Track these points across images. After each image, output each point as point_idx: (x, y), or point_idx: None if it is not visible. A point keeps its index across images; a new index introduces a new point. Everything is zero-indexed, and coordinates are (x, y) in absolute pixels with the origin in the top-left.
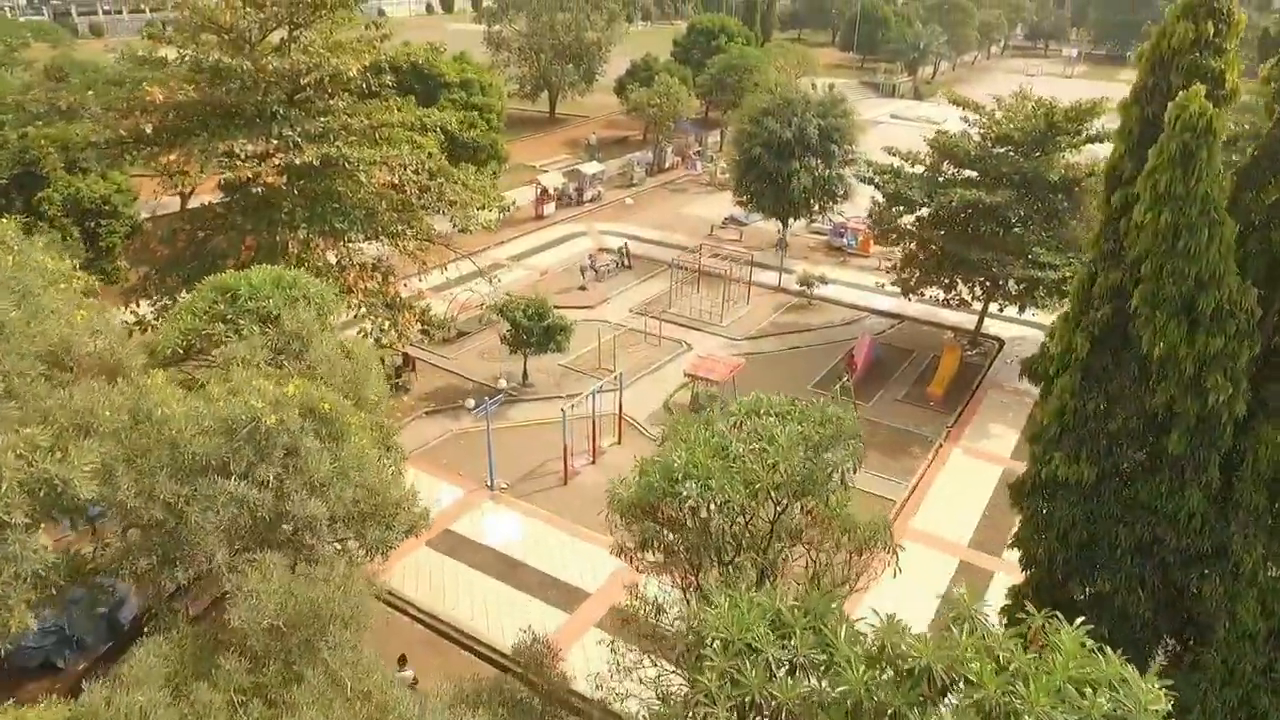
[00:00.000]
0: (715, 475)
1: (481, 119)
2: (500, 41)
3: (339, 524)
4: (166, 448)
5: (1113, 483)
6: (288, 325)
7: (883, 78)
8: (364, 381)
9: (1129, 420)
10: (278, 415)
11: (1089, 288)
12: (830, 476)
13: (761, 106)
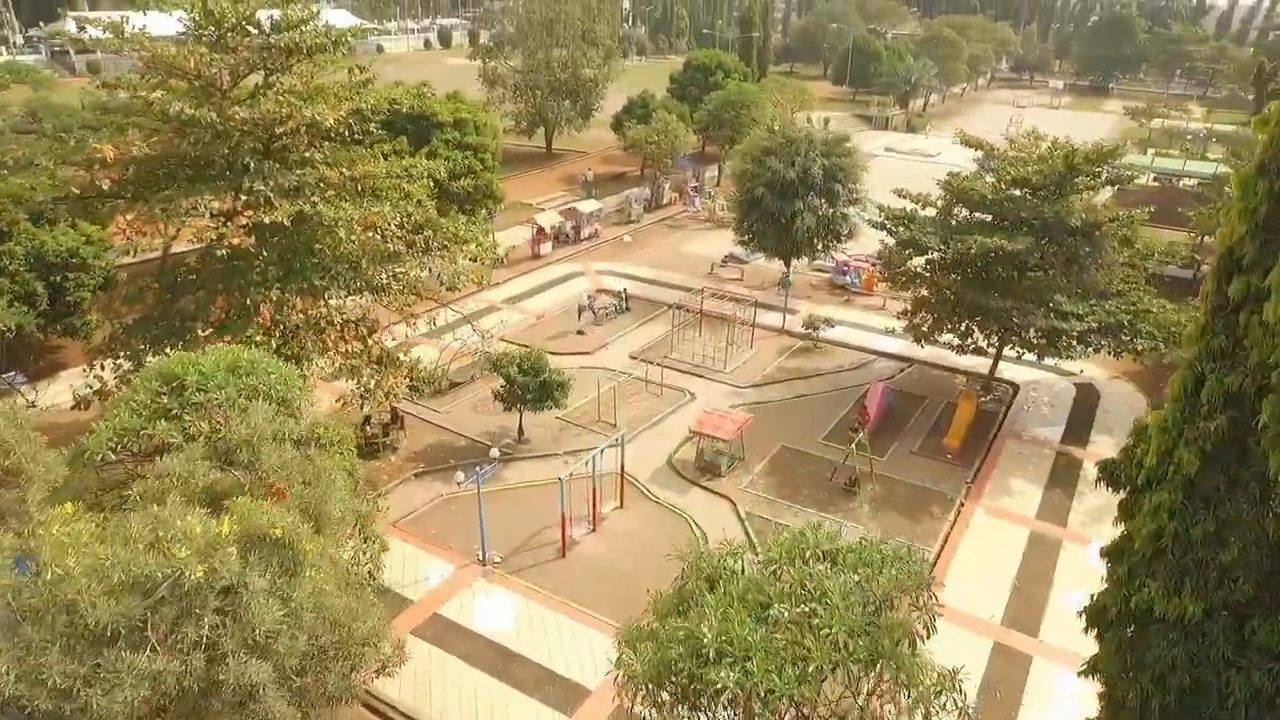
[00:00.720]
0: (756, 654)
1: (476, 159)
2: (495, 78)
3: (291, 678)
4: (62, 613)
5: (1224, 620)
6: (236, 433)
7: (875, 111)
8: (327, 496)
9: (1246, 550)
10: (207, 565)
11: (1194, 391)
12: (899, 642)
13: (763, 145)
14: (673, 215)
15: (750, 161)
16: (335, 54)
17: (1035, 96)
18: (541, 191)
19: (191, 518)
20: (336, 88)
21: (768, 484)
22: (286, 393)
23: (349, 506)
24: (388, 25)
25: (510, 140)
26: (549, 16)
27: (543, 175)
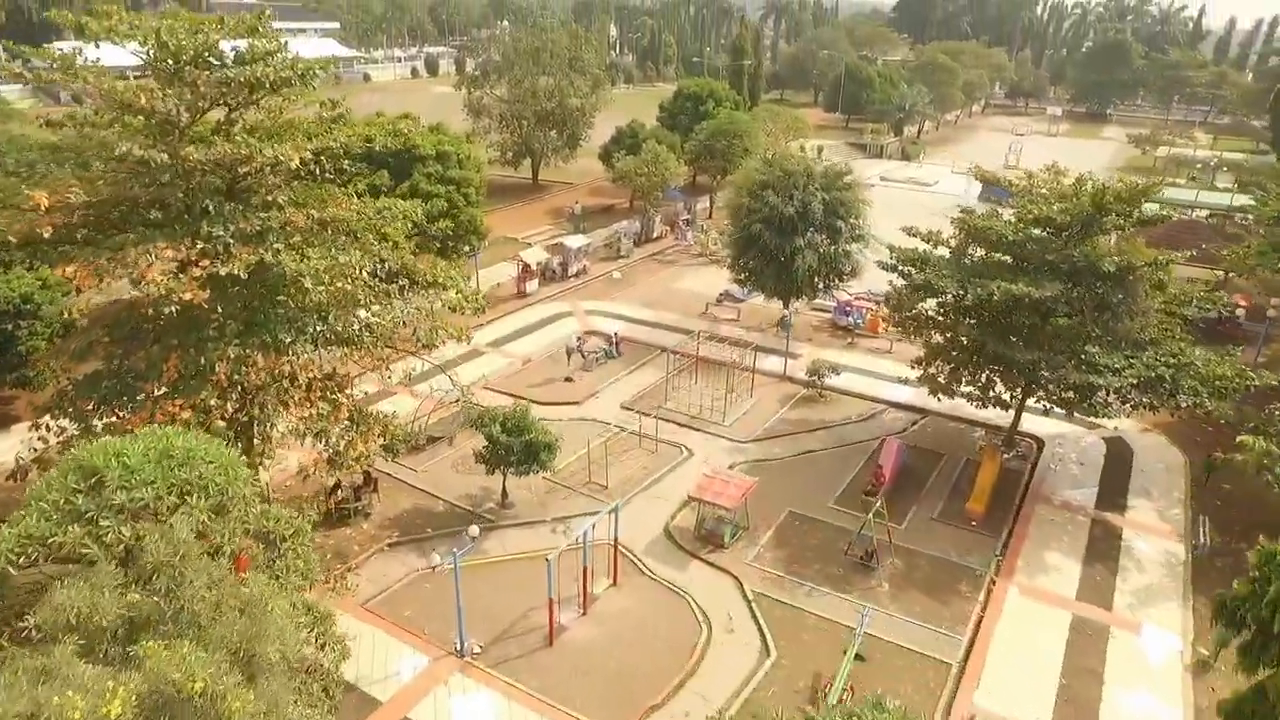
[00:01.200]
0: None
1: (459, 193)
2: (481, 108)
3: None
4: None
5: None
6: (155, 553)
7: (869, 138)
8: (262, 633)
9: None
10: None
11: None
12: None
13: (760, 179)
14: (664, 250)
15: (746, 196)
16: (303, 88)
17: (1033, 123)
18: (528, 225)
19: (75, 692)
20: (306, 123)
21: (776, 557)
22: (228, 485)
23: (293, 647)
24: (374, 54)
25: (496, 171)
26: (535, 45)
27: (529, 208)
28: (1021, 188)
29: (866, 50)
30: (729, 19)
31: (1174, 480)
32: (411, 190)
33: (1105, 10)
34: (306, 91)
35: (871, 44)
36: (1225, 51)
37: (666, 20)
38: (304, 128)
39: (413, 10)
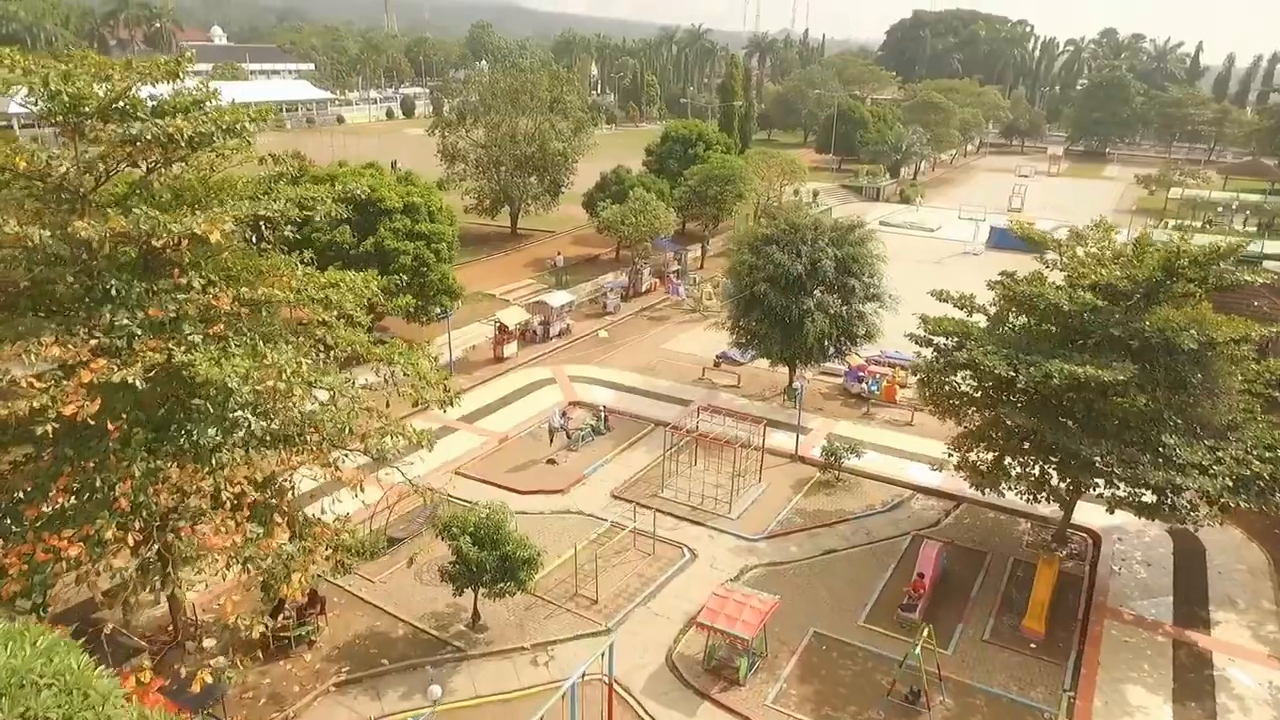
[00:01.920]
0: None
1: (429, 249)
2: (456, 153)
3: None
4: None
5: None
6: None
7: (865, 180)
8: None
9: None
10: None
11: None
12: None
13: (763, 233)
14: (654, 304)
15: (748, 252)
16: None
17: (1032, 162)
18: (506, 278)
19: None
20: (245, 183)
21: (803, 696)
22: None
23: None
24: (349, 95)
25: (472, 220)
26: (514, 87)
27: (507, 259)
28: (1069, 248)
29: (856, 89)
30: (712, 58)
31: (1260, 586)
32: (376, 247)
33: (1099, 48)
34: (240, 145)
35: (861, 83)
36: (1225, 88)
37: (649, 60)
38: (242, 188)
39: (388, 51)
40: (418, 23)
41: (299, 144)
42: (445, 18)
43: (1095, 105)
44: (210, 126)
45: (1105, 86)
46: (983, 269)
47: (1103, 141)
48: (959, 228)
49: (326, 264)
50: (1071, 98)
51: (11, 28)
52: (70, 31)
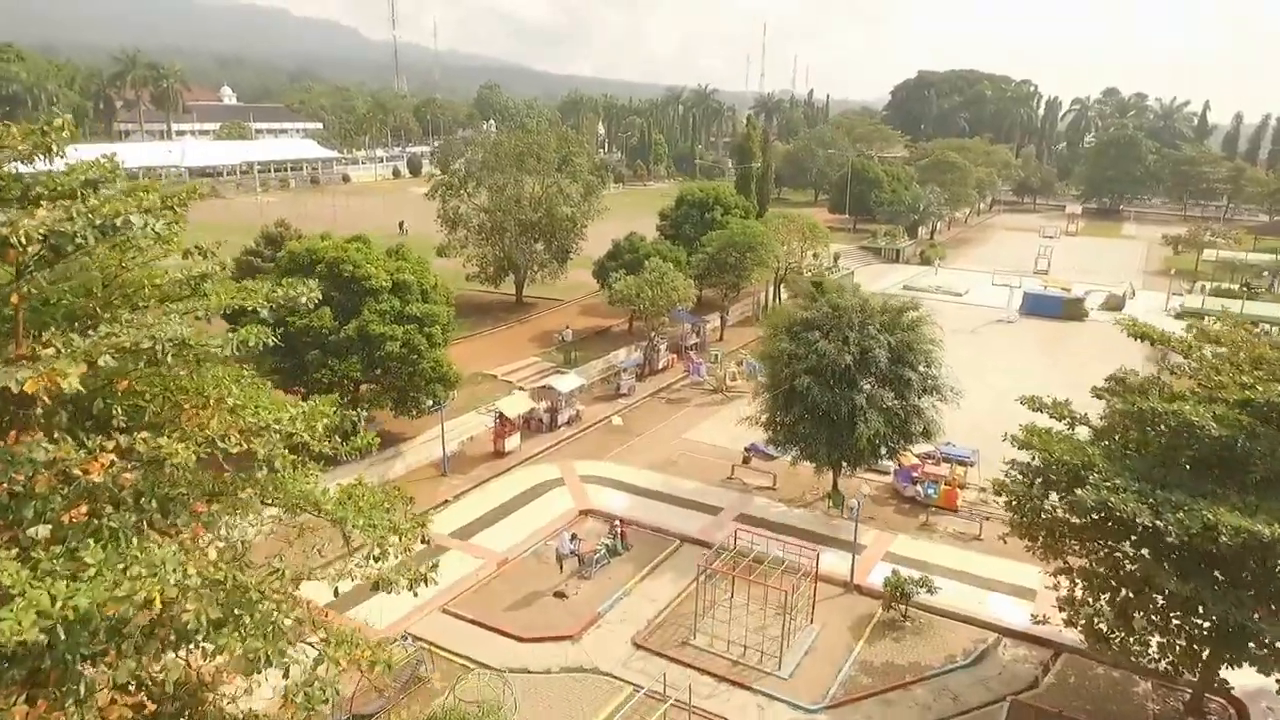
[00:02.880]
0: None
1: (421, 334)
2: (457, 218)
3: None
4: None
5: None
6: None
7: (884, 242)
8: None
9: None
10: None
11: None
12: None
13: (802, 316)
14: (671, 384)
15: (786, 337)
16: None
17: (1047, 221)
18: (510, 354)
19: None
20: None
21: None
22: None
23: None
24: (356, 154)
25: (474, 287)
26: (519, 148)
27: (511, 333)
28: (1195, 346)
29: (864, 147)
30: (719, 118)
31: None
32: (360, 332)
33: (1105, 106)
34: (175, 234)
35: (869, 141)
36: (1234, 147)
37: (655, 119)
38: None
39: (396, 111)
40: (428, 84)
41: (300, 203)
42: (455, 79)
43: (1108, 163)
44: (77, 224)
45: (1117, 145)
46: (1021, 338)
47: (1116, 199)
48: (987, 291)
49: (304, 351)
50: (1082, 155)
51: (12, 89)
52: (76, 92)
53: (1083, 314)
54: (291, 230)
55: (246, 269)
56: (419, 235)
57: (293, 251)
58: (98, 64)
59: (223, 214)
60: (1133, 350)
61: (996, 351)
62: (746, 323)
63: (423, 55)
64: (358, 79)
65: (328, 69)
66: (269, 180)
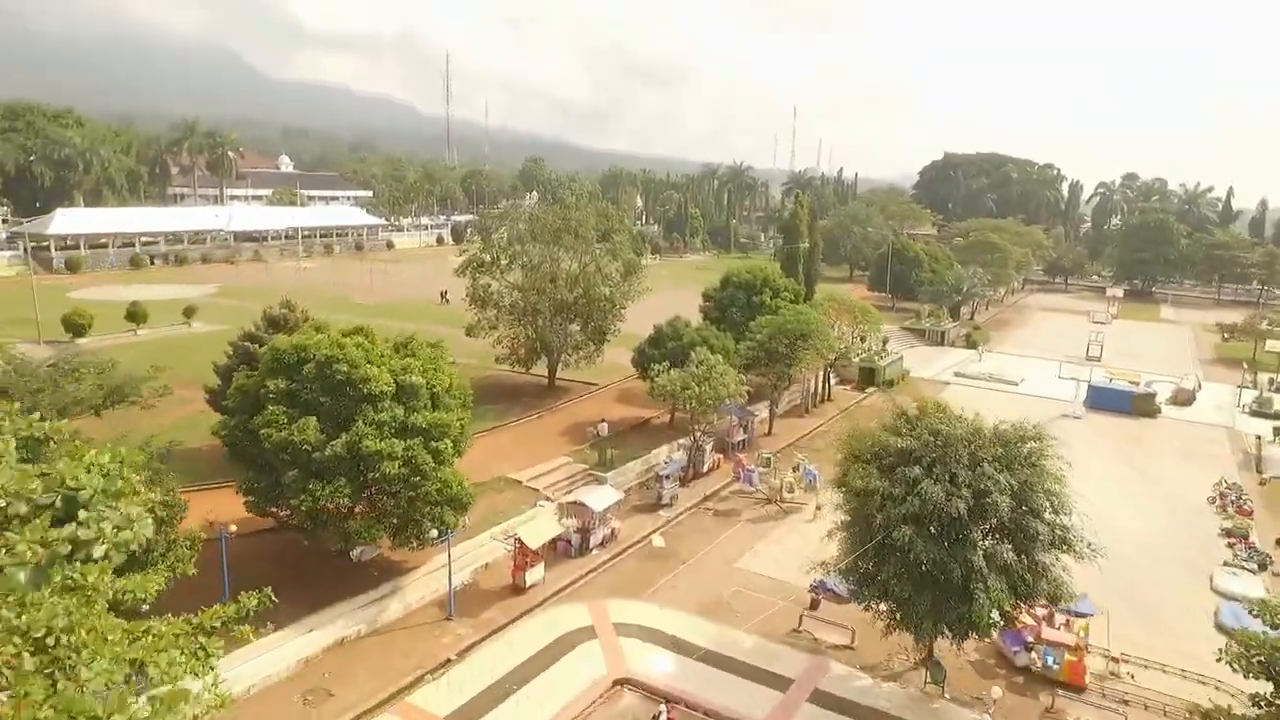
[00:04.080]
0: None
1: (426, 449)
2: (488, 297)
3: None
4: None
5: None
6: None
7: (928, 324)
8: None
9: None
10: None
11: None
12: None
13: (895, 444)
14: (718, 490)
15: (875, 472)
16: None
17: (1078, 301)
18: (538, 451)
19: None
20: None
21: None
22: None
23: None
24: (401, 221)
25: (504, 369)
26: (556, 225)
27: (541, 423)
28: None
29: (895, 224)
30: (753, 193)
31: None
32: (351, 449)
33: (1129, 191)
34: None
35: (902, 219)
36: (1260, 231)
37: (692, 193)
38: None
39: (443, 181)
40: (478, 156)
41: (340, 270)
42: (503, 152)
43: (1139, 246)
44: None
45: (1148, 228)
46: (1094, 439)
47: (1149, 281)
48: (1043, 379)
49: (282, 470)
50: (1113, 237)
51: (64, 153)
52: (132, 158)
53: (1154, 410)
54: (297, 313)
55: (243, 356)
56: (461, 307)
57: (277, 349)
58: (157, 131)
59: (262, 277)
60: (1219, 454)
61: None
62: (795, 412)
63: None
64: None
65: (384, 141)
66: (314, 246)
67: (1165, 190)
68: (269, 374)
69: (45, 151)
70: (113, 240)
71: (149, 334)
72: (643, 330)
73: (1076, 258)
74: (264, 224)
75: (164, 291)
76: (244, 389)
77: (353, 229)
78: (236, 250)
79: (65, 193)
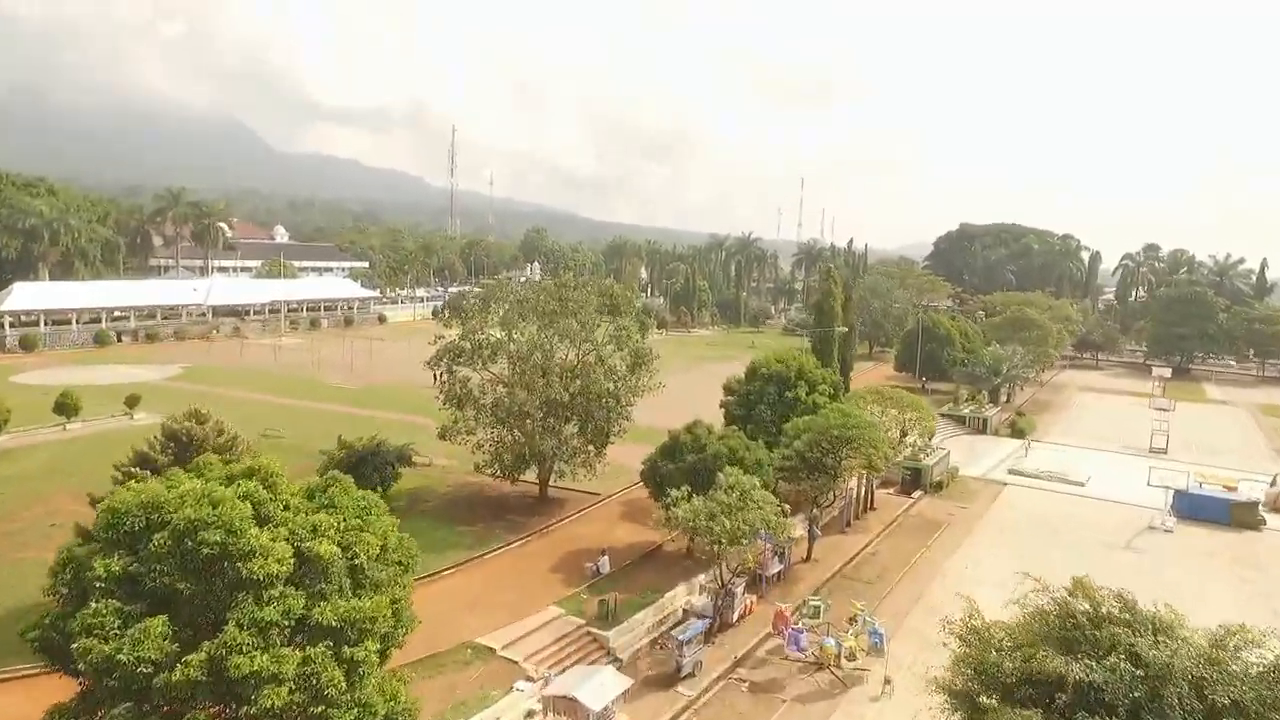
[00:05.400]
0: None
1: (337, 664)
2: (465, 395)
3: None
4: None
5: None
6: None
7: (968, 410)
8: None
9: None
10: None
11: None
12: None
13: (1076, 679)
14: (752, 649)
15: (1019, 682)
16: None
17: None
18: (521, 596)
19: None
20: None
21: None
22: None
23: None
24: (398, 292)
25: (486, 477)
26: (550, 306)
27: (527, 552)
28: None
29: (915, 297)
30: (761, 264)
31: None
32: (211, 669)
33: (1159, 262)
34: None
35: (922, 292)
36: None
37: (699, 264)
38: None
39: (440, 252)
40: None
41: (321, 346)
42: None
43: (1176, 320)
44: None
45: (1184, 301)
46: (1197, 559)
47: (1185, 357)
48: (1108, 476)
49: (108, 702)
50: (1140, 310)
51: (29, 223)
52: (110, 229)
53: (1257, 521)
54: (210, 425)
55: None
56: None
57: (115, 510)
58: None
59: (235, 357)
60: None
61: (1178, 584)
62: (833, 525)
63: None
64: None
65: (391, 212)
66: (299, 320)
67: (1194, 262)
68: (104, 548)
69: (10, 221)
70: (77, 316)
71: (81, 428)
72: (652, 416)
73: (1108, 332)
74: (246, 298)
75: (123, 374)
76: (74, 564)
77: (342, 302)
78: (215, 325)
79: (31, 264)
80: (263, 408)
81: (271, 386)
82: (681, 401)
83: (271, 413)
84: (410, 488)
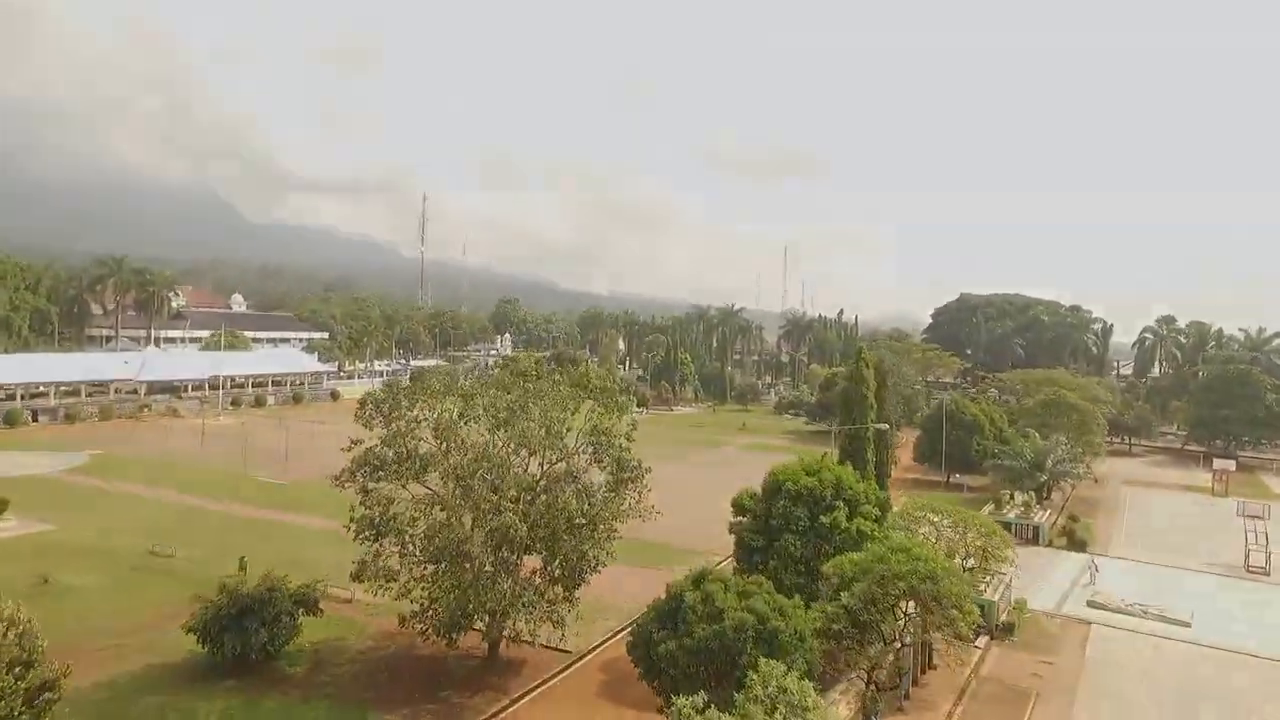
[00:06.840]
0: None
1: None
2: (387, 523)
3: None
4: None
5: None
6: None
7: (1015, 514)
8: None
9: None
10: None
11: None
12: None
13: None
14: None
15: None
16: None
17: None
18: None
19: None
20: None
21: None
22: None
23: None
24: (356, 365)
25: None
26: (509, 405)
27: None
28: None
29: (921, 373)
30: (746, 336)
31: None
32: None
33: (1186, 338)
34: None
35: (929, 367)
36: None
37: (680, 336)
38: None
39: (403, 323)
40: (456, 296)
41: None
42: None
43: (1219, 400)
44: None
45: (1229, 380)
46: None
47: (1233, 443)
48: (1220, 613)
49: None
50: (1183, 389)
51: None
52: (41, 295)
53: None
54: None
55: None
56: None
57: None
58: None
59: (158, 442)
60: None
61: None
62: None
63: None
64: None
65: (363, 280)
66: (243, 396)
67: (1222, 336)
68: None
69: None
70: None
71: None
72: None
73: (1140, 413)
74: (183, 372)
75: (16, 463)
76: None
77: (292, 377)
78: (147, 403)
79: None
80: (165, 511)
81: (187, 481)
82: (671, 501)
83: (175, 518)
84: (318, 640)
